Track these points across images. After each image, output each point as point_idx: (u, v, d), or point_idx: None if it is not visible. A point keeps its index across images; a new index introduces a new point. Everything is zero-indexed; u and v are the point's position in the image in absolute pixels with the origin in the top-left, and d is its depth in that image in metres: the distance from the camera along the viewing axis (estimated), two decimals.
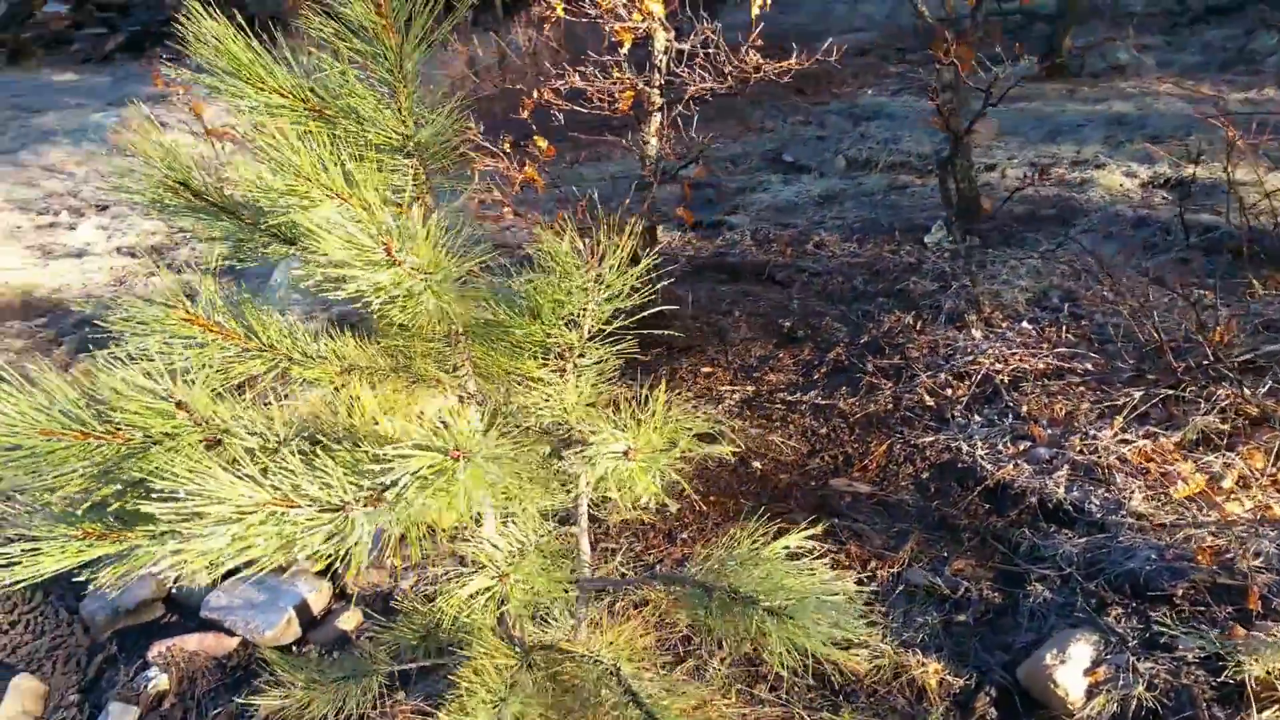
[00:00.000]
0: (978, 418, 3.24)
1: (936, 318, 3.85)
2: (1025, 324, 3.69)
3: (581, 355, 1.92)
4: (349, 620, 2.83)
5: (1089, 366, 3.37)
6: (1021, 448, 3.07)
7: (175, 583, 3.00)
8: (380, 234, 1.45)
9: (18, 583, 1.24)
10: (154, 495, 1.24)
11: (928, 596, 2.63)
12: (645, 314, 1.76)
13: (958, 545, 2.78)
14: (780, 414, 3.48)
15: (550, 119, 3.94)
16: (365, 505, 1.29)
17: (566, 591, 2.12)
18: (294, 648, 2.75)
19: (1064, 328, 3.61)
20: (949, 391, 3.39)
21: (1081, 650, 2.30)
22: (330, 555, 1.31)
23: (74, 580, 1.36)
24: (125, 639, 2.84)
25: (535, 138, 3.94)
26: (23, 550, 1.29)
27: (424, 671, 2.34)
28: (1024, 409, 3.22)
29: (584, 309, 1.82)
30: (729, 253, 5.02)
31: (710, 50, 3.74)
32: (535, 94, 3.74)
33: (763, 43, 3.60)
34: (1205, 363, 3.09)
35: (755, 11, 3.55)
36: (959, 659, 2.43)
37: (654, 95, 3.92)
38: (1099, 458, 2.93)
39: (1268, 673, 2.17)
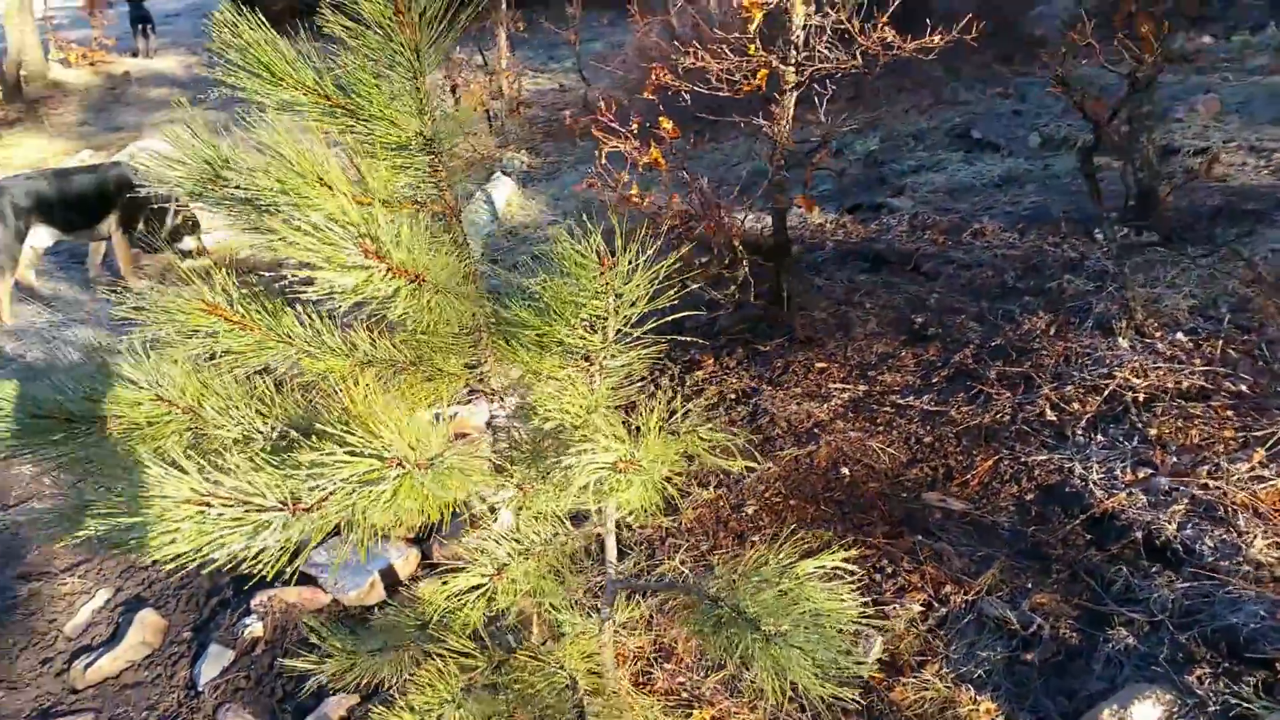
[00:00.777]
0: (1100, 437, 2.96)
1: (1083, 322, 3.53)
2: (1180, 335, 3.32)
3: (612, 357, 1.89)
4: (429, 589, 2.97)
5: (1242, 389, 2.99)
6: (1141, 475, 2.78)
7: None
8: (357, 235, 1.49)
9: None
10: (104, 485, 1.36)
11: (997, 629, 2.45)
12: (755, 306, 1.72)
13: (1044, 577, 2.57)
14: (887, 418, 3.32)
15: (678, 100, 3.91)
16: (285, 510, 1.35)
17: (569, 593, 2.14)
18: (375, 609, 2.93)
19: (1224, 342, 3.22)
20: (1074, 406, 3.11)
21: (1147, 711, 2.08)
22: (258, 554, 1.39)
23: None
24: (240, 584, 3.11)
25: (661, 119, 3.92)
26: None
27: None
28: (1153, 432, 2.91)
29: (604, 313, 1.79)
30: (879, 239, 4.80)
31: (844, 26, 3.57)
32: (654, 75, 3.71)
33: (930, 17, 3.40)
34: None
35: None
36: (1017, 700, 2.26)
37: (789, 74, 3.79)
38: (1225, 494, 2.61)
39: None
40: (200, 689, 2.71)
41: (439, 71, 10.42)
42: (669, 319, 1.70)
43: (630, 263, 1.72)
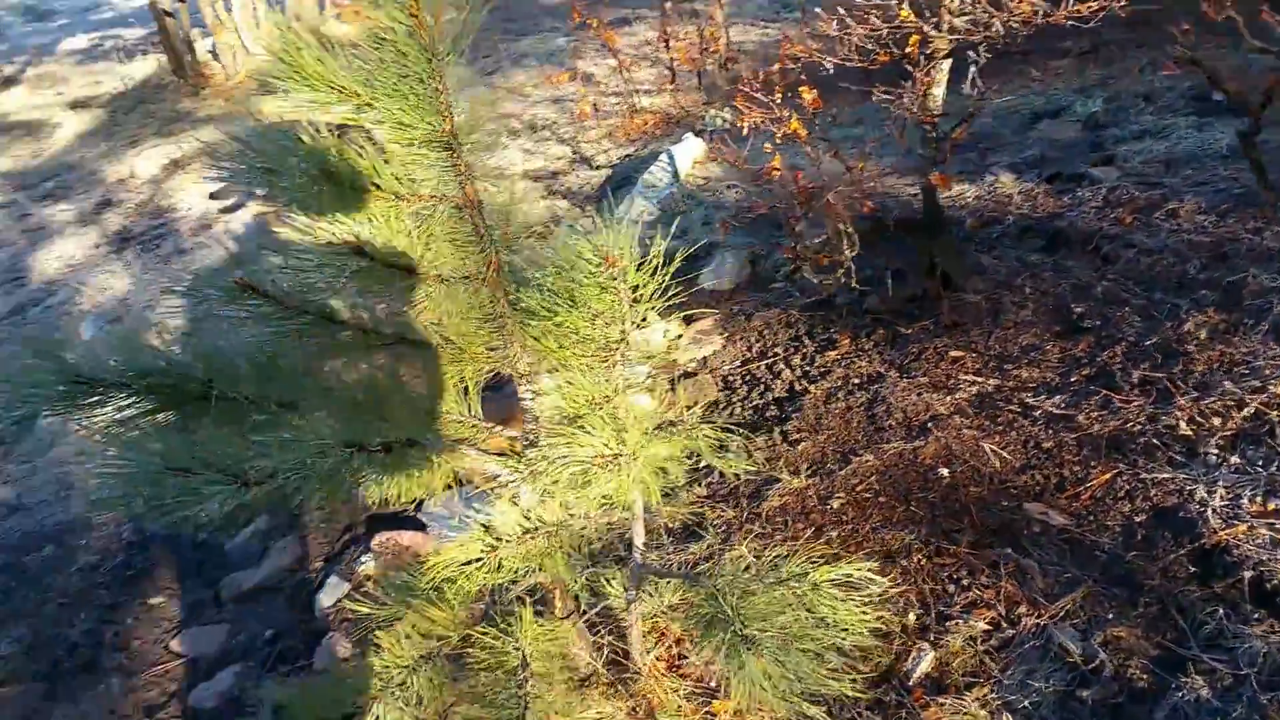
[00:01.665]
0: (1234, 459, 2.65)
1: (1256, 325, 3.13)
2: None
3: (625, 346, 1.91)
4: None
5: None
6: (1270, 507, 2.47)
7: None
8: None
9: None
10: None
11: (1059, 659, 2.30)
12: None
13: (1129, 609, 2.37)
14: (1009, 417, 3.12)
15: (819, 69, 3.79)
16: (240, 484, 1.52)
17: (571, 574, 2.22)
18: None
19: None
20: (1214, 421, 2.79)
21: None
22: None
23: None
24: (373, 523, 3.44)
25: (802, 89, 3.82)
26: None
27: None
28: None
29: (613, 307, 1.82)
30: (1064, 215, 4.43)
31: None
32: (786, 43, 3.61)
33: None
34: None
35: None
36: None
37: (940, 41, 3.57)
38: None
39: None
40: (316, 615, 3.04)
41: (647, 26, 10.47)
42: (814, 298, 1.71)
43: (641, 259, 1.74)
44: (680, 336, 4.41)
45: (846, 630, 2.04)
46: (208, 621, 3.10)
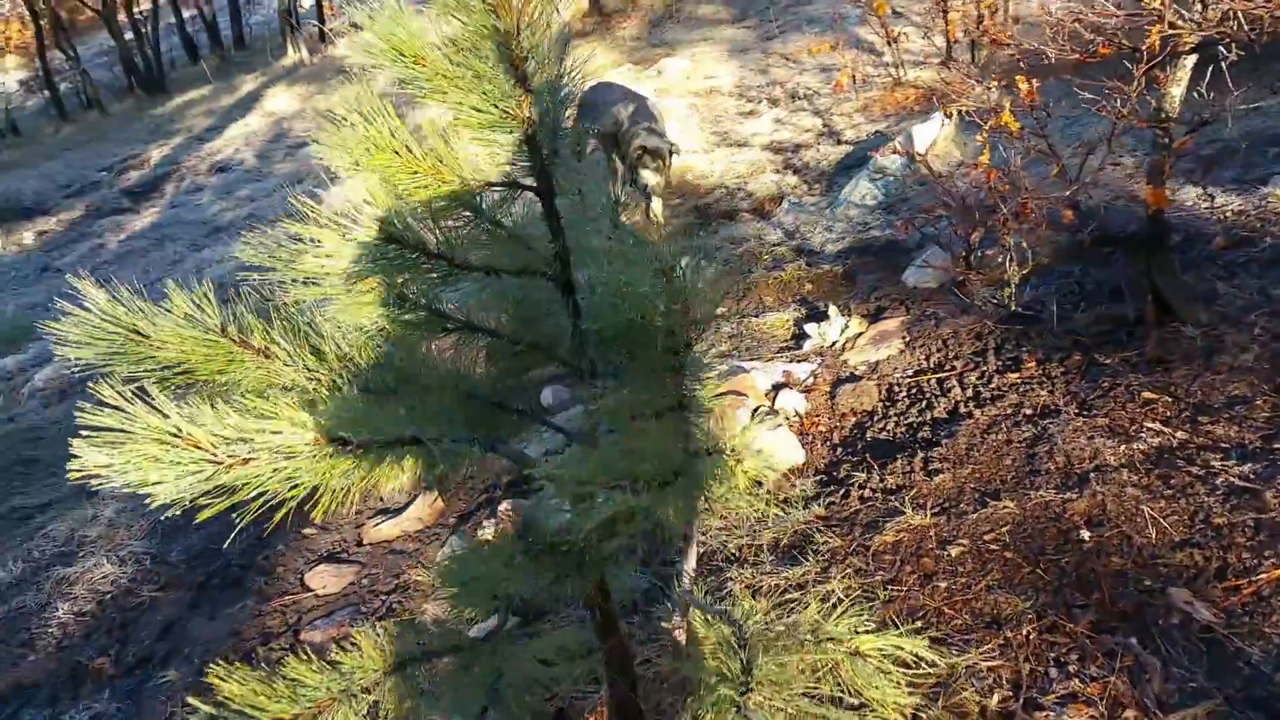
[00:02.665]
0: None
1: None
2: None
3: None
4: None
5: None
6: None
7: None
8: None
9: None
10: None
11: None
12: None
13: None
14: (1184, 481, 2.70)
15: (1043, 57, 3.39)
16: (226, 466, 1.58)
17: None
18: None
19: None
20: None
21: None
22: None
23: None
24: (509, 488, 3.57)
25: (1017, 78, 3.43)
26: None
27: None
28: None
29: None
30: None
31: None
32: (988, 24, 3.24)
33: None
34: None
35: None
36: None
37: (1187, 33, 3.08)
38: None
39: None
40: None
41: None
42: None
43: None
44: (860, 335, 4.18)
45: (878, 712, 1.88)
46: (344, 561, 3.36)
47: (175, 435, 1.45)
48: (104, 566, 3.71)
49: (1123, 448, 2.90)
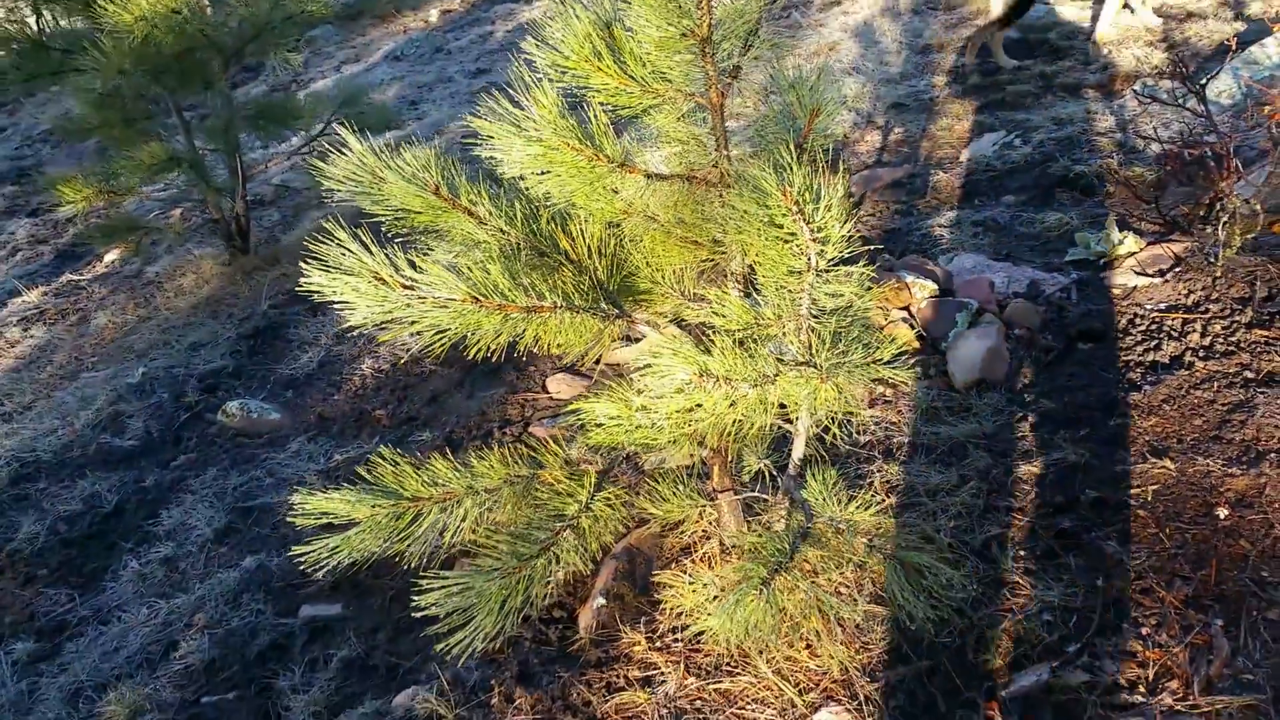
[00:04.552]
0: None
1: None
2: None
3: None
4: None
5: None
6: None
7: None
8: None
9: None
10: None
11: None
12: None
13: None
14: None
15: None
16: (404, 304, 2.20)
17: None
18: None
19: None
20: None
21: None
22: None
23: None
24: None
25: None
26: None
27: None
28: None
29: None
30: None
31: None
32: None
33: None
34: None
35: None
36: None
37: None
38: None
39: None
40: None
41: None
42: None
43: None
44: (1131, 255, 4.01)
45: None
46: (580, 374, 4.01)
47: (372, 273, 2.02)
48: (405, 336, 4.63)
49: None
